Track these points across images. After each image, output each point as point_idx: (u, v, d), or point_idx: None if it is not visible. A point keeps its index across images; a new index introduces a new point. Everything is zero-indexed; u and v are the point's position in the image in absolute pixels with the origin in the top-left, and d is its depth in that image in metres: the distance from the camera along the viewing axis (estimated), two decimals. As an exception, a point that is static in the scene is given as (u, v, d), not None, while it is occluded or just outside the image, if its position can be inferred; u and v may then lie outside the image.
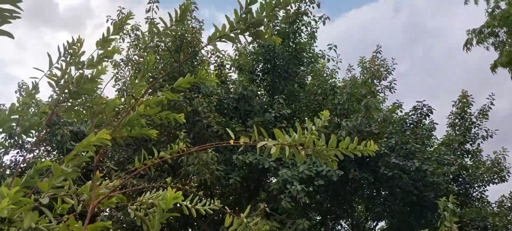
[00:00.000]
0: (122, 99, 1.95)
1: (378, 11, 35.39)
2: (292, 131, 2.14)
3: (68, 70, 1.58)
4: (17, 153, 11.46)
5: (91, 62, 1.58)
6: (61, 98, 1.56)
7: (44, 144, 11.22)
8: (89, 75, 1.59)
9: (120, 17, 11.12)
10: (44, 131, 10.60)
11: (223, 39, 1.54)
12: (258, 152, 2.08)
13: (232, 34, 1.51)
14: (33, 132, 1.61)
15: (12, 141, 11.32)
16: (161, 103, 1.77)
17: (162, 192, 2.14)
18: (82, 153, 1.54)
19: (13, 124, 1.52)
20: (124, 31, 11.22)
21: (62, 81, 1.56)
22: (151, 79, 10.88)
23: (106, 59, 1.61)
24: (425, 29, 33.91)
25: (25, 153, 11.47)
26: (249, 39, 1.56)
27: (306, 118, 2.31)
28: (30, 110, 1.55)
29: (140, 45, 11.15)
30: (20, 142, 11.11)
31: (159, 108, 1.75)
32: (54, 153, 11.36)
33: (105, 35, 1.65)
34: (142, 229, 2.25)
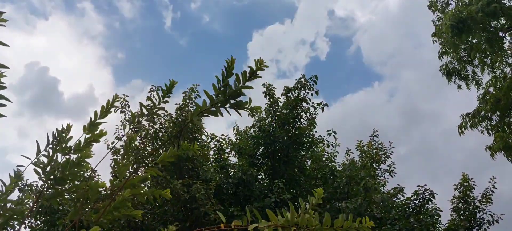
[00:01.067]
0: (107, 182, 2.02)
1: (373, 96, 36.48)
2: (285, 211, 2.17)
3: (54, 157, 1.64)
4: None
5: (77, 147, 1.65)
6: (46, 185, 1.63)
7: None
8: (75, 160, 1.65)
9: (122, 105, 11.52)
10: (42, 219, 10.44)
11: (206, 114, 1.58)
12: (250, 236, 2.08)
13: (213, 108, 1.58)
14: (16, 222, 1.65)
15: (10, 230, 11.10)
16: (146, 181, 1.81)
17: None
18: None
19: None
20: (126, 118, 11.54)
21: (48, 168, 1.62)
22: (149, 165, 10.95)
23: (93, 142, 1.69)
24: (420, 112, 34.67)
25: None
26: (231, 111, 1.63)
27: (299, 199, 2.33)
28: (14, 199, 1.62)
29: (142, 130, 11.40)
30: None
31: (143, 186, 1.80)
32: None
33: (92, 119, 1.74)
34: None
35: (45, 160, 1.62)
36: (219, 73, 1.54)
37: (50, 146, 1.65)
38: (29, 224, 10.79)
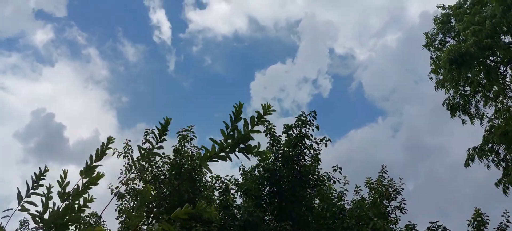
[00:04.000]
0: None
1: (378, 131, 36.42)
2: None
3: (49, 203, 1.60)
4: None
5: (76, 192, 1.61)
6: None
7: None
8: (76, 206, 1.61)
9: (126, 149, 11.49)
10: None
11: (214, 159, 1.57)
12: None
13: (222, 153, 1.57)
14: None
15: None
16: None
17: None
18: None
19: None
20: (130, 163, 11.48)
21: (46, 215, 1.57)
22: (151, 209, 10.76)
23: (91, 186, 1.65)
24: (425, 147, 34.42)
25: None
26: (240, 155, 1.61)
27: None
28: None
29: (145, 175, 11.31)
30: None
31: None
32: None
33: (88, 162, 1.70)
34: None
35: (40, 208, 1.56)
36: (223, 114, 1.59)
37: (31, 191, 1.61)
38: None
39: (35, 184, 1.67)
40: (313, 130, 12.22)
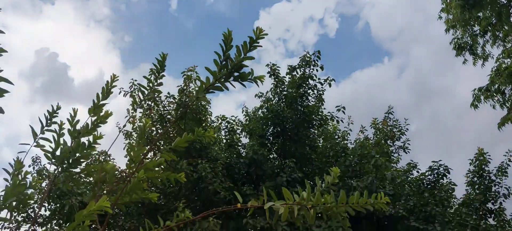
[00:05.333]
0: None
1: (383, 72, 36.04)
2: (301, 190, 2.11)
3: (61, 141, 1.61)
4: (29, 227, 11.37)
5: (86, 130, 1.61)
6: (60, 168, 1.58)
7: (56, 217, 11.15)
8: (86, 143, 1.61)
9: (132, 89, 11.52)
10: (57, 204, 10.60)
11: (211, 90, 1.56)
12: (267, 215, 2.03)
13: (217, 84, 1.55)
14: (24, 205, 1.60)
15: (24, 215, 11.31)
16: (162, 166, 1.77)
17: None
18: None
19: (15, 199, 1.52)
20: (136, 102, 11.55)
21: (58, 152, 1.58)
22: (158, 147, 10.99)
23: (100, 124, 1.65)
24: (431, 89, 34.18)
25: (38, 227, 11.37)
26: (235, 84, 1.59)
27: (316, 177, 2.26)
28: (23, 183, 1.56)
29: (152, 115, 11.42)
30: (33, 216, 11.08)
31: (159, 170, 1.75)
32: (66, 225, 11.25)
33: (96, 101, 1.70)
34: None
35: (53, 145, 1.57)
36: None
37: (45, 128, 1.62)
38: (49, 206, 11.04)
39: (49, 121, 1.67)
40: (317, 70, 12.12)
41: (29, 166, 12.38)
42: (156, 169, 1.92)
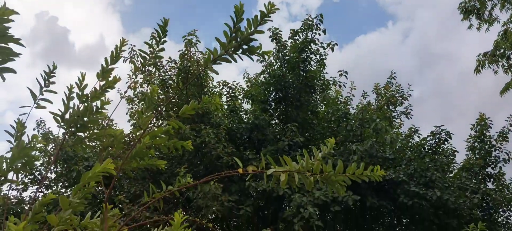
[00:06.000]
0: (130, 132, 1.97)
1: (387, 37, 35.52)
2: (299, 158, 2.15)
3: (70, 105, 1.62)
4: (37, 189, 11.62)
5: (94, 94, 1.62)
6: (68, 132, 1.59)
7: (62, 179, 11.37)
8: (94, 108, 1.63)
9: (131, 55, 11.45)
10: (63, 167, 10.80)
11: (218, 62, 1.57)
12: (265, 181, 2.07)
13: (226, 55, 1.56)
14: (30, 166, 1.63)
15: (31, 177, 11.54)
16: (168, 133, 1.79)
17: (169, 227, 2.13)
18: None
19: (21, 162, 1.54)
20: (138, 65, 11.50)
21: (67, 116, 1.59)
22: (159, 112, 11.06)
23: (108, 89, 1.66)
24: (434, 54, 33.77)
25: (44, 189, 11.61)
26: (244, 57, 1.61)
27: (312, 147, 2.30)
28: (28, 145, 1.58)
29: (153, 80, 11.41)
30: (40, 178, 11.30)
31: (166, 137, 1.77)
32: (72, 188, 11.47)
33: (104, 65, 1.70)
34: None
35: (62, 108, 1.58)
36: (227, 19, 1.52)
37: (44, 89, 1.63)
38: (55, 169, 11.26)
39: (47, 82, 1.68)
40: (319, 35, 11.97)
41: (34, 129, 12.50)
42: (163, 136, 1.94)
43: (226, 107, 12.80)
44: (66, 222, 1.64)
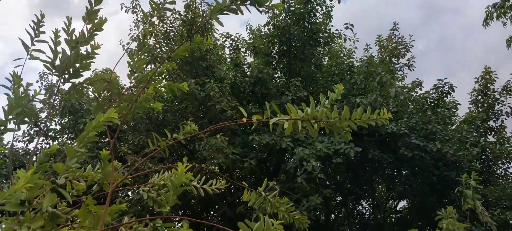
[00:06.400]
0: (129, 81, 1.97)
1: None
2: (304, 106, 2.15)
3: (58, 49, 1.61)
4: (43, 140, 11.83)
5: (82, 38, 1.61)
6: (62, 79, 1.60)
7: (68, 131, 11.55)
8: (85, 53, 1.62)
9: (134, 4, 11.22)
10: (69, 119, 10.92)
11: (225, 12, 1.53)
12: (270, 129, 2.09)
13: (233, 6, 1.52)
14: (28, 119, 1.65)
15: (37, 129, 11.72)
16: (163, 74, 1.80)
17: (172, 173, 2.18)
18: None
19: (20, 112, 1.56)
20: (138, 19, 11.34)
21: (57, 62, 1.59)
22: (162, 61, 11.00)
23: (96, 32, 1.64)
24: (440, 6, 32.88)
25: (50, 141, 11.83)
26: (251, 8, 1.57)
27: (320, 94, 2.30)
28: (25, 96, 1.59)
29: (156, 31, 11.25)
30: (45, 130, 11.48)
31: (161, 80, 1.78)
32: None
33: (89, 8, 1.67)
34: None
35: (51, 55, 1.58)
36: None
37: (35, 39, 1.62)
38: (60, 122, 11.41)
39: (37, 32, 1.66)
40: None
41: (37, 81, 12.56)
42: (159, 78, 1.94)
43: (229, 60, 12.70)
44: (73, 171, 1.68)
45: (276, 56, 12.43)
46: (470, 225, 3.76)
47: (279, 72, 12.82)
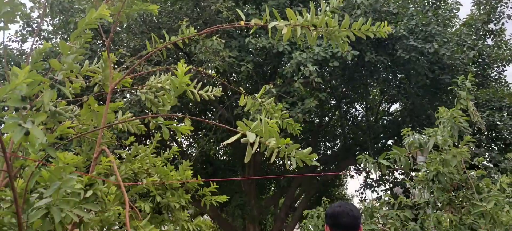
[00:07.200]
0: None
1: None
2: (305, 12, 2.10)
3: None
4: (37, 41, 11.61)
5: None
6: None
7: (61, 32, 11.31)
8: None
9: None
10: (59, 19, 10.62)
11: None
12: (269, 33, 2.06)
13: None
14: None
15: (30, 29, 11.46)
16: None
17: (171, 76, 2.19)
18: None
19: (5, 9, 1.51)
20: None
21: None
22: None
23: None
24: None
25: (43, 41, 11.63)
26: None
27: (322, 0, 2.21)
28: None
29: None
30: (38, 30, 11.23)
31: None
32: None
33: None
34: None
35: None
36: None
37: None
38: (51, 22, 11.13)
39: None
40: None
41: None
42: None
43: None
44: (69, 68, 1.68)
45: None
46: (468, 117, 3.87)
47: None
